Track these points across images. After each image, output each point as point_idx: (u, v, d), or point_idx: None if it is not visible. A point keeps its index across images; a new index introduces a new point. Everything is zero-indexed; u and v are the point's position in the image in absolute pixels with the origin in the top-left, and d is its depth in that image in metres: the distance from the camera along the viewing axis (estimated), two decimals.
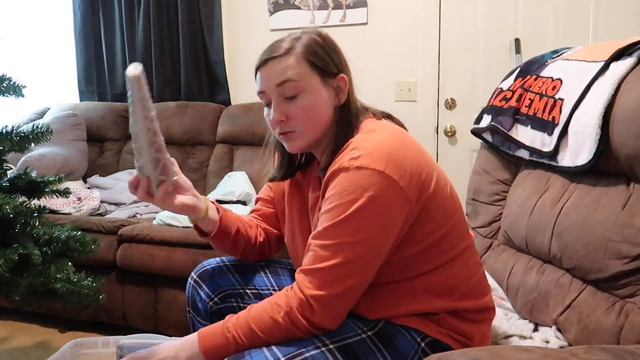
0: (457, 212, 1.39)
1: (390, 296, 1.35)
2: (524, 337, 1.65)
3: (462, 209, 1.42)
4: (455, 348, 1.32)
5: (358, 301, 1.31)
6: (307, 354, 1.24)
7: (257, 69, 1.41)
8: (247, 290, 1.65)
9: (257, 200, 1.77)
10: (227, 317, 1.31)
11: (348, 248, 1.23)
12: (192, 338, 1.31)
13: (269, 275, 1.70)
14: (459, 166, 3.30)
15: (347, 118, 1.39)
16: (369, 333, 1.32)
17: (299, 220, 1.56)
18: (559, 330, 1.61)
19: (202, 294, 1.63)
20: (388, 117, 1.49)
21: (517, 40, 3.18)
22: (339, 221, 1.23)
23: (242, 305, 1.60)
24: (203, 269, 1.68)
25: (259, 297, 1.64)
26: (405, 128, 1.51)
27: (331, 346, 1.26)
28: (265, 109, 1.43)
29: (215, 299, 1.61)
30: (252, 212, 1.77)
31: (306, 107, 1.37)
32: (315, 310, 1.23)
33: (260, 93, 1.41)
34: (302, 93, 1.37)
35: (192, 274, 1.69)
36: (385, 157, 1.24)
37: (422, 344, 1.32)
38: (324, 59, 1.38)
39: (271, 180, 1.60)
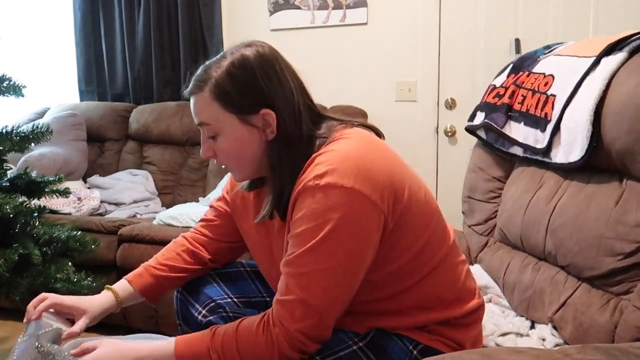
0: (434, 217, 1.32)
1: (377, 314, 1.31)
2: (521, 335, 1.65)
3: (439, 212, 1.36)
4: (447, 352, 1.28)
5: (345, 321, 1.29)
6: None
7: None
8: (236, 299, 1.59)
9: (211, 207, 1.67)
10: (212, 332, 1.26)
11: (323, 275, 1.17)
12: (167, 346, 1.27)
13: (256, 281, 1.64)
14: (459, 166, 3.29)
15: (282, 151, 1.28)
16: (361, 344, 1.28)
17: (270, 243, 1.46)
18: (554, 328, 1.61)
19: (190, 308, 1.58)
20: (363, 125, 1.37)
21: (517, 40, 3.18)
22: (310, 248, 1.16)
23: (231, 315, 1.52)
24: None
25: (249, 305, 1.59)
26: (381, 135, 1.39)
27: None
28: None
29: (204, 312, 1.54)
30: (202, 220, 1.68)
31: (225, 149, 1.31)
32: (304, 341, 1.19)
33: None
34: (219, 135, 1.29)
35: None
36: (353, 170, 1.15)
37: (415, 352, 1.28)
38: (238, 98, 1.26)
39: (250, 188, 1.48)
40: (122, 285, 1.56)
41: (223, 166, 1.38)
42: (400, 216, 1.22)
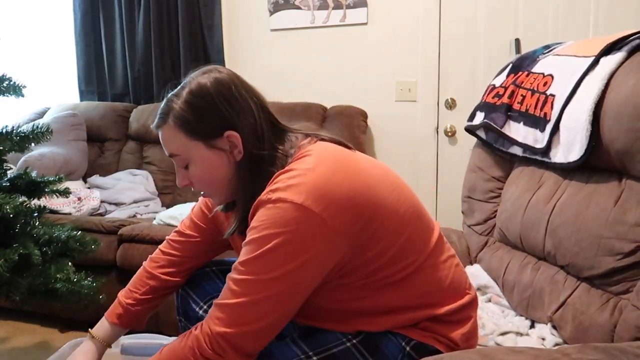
0: (411, 220, 1.30)
1: (364, 316, 1.30)
2: (521, 334, 1.66)
3: (418, 213, 1.33)
4: (441, 349, 1.28)
5: (334, 323, 1.29)
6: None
7: None
8: None
9: (191, 220, 1.65)
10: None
11: (260, 285, 1.17)
12: None
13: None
14: (459, 166, 3.28)
15: (251, 170, 1.30)
16: (354, 341, 1.28)
17: None
18: (554, 327, 1.62)
19: (192, 303, 1.60)
20: (330, 139, 1.36)
21: (517, 40, 3.17)
22: (253, 257, 1.17)
23: None
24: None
25: None
26: (349, 147, 1.36)
27: (314, 358, 1.26)
28: None
29: (205, 307, 1.57)
30: (180, 234, 1.67)
31: (198, 176, 1.34)
32: (224, 347, 1.18)
33: None
34: (190, 163, 1.33)
35: None
36: (307, 187, 1.16)
37: (407, 348, 1.27)
38: (200, 125, 1.29)
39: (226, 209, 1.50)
40: (104, 327, 1.62)
41: (202, 193, 1.41)
42: (363, 229, 1.21)
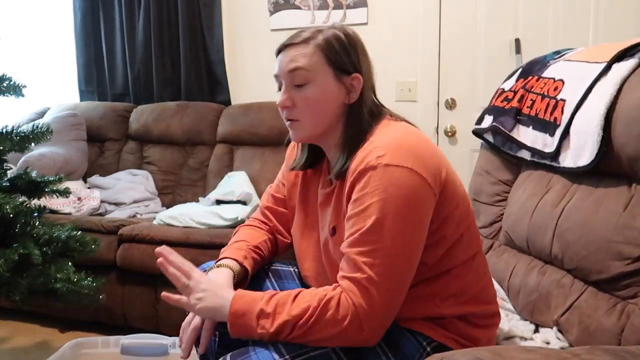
0: (471, 211, 1.40)
1: (421, 298, 1.32)
2: (525, 339, 1.65)
3: (472, 208, 1.42)
4: None
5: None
6: (312, 353, 1.23)
7: (277, 53, 1.42)
8: None
9: (270, 195, 1.70)
10: (268, 292, 1.27)
11: (388, 252, 1.19)
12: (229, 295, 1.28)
13: (272, 279, 1.63)
14: (459, 166, 3.27)
15: (356, 118, 1.37)
16: None
17: (306, 216, 1.53)
18: (559, 331, 1.61)
19: None
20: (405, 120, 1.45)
21: (517, 41, 3.18)
22: (374, 225, 1.20)
23: None
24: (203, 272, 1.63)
25: None
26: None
27: (341, 353, 1.25)
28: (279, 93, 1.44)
29: None
30: (264, 207, 1.71)
31: (311, 99, 1.37)
32: (365, 323, 1.18)
33: (276, 76, 1.42)
34: (310, 83, 1.37)
35: None
36: (410, 154, 1.23)
37: (428, 349, 1.29)
38: (341, 56, 1.37)
39: (292, 168, 1.57)
40: (236, 266, 1.52)
41: (287, 122, 1.43)
42: (446, 203, 1.29)
